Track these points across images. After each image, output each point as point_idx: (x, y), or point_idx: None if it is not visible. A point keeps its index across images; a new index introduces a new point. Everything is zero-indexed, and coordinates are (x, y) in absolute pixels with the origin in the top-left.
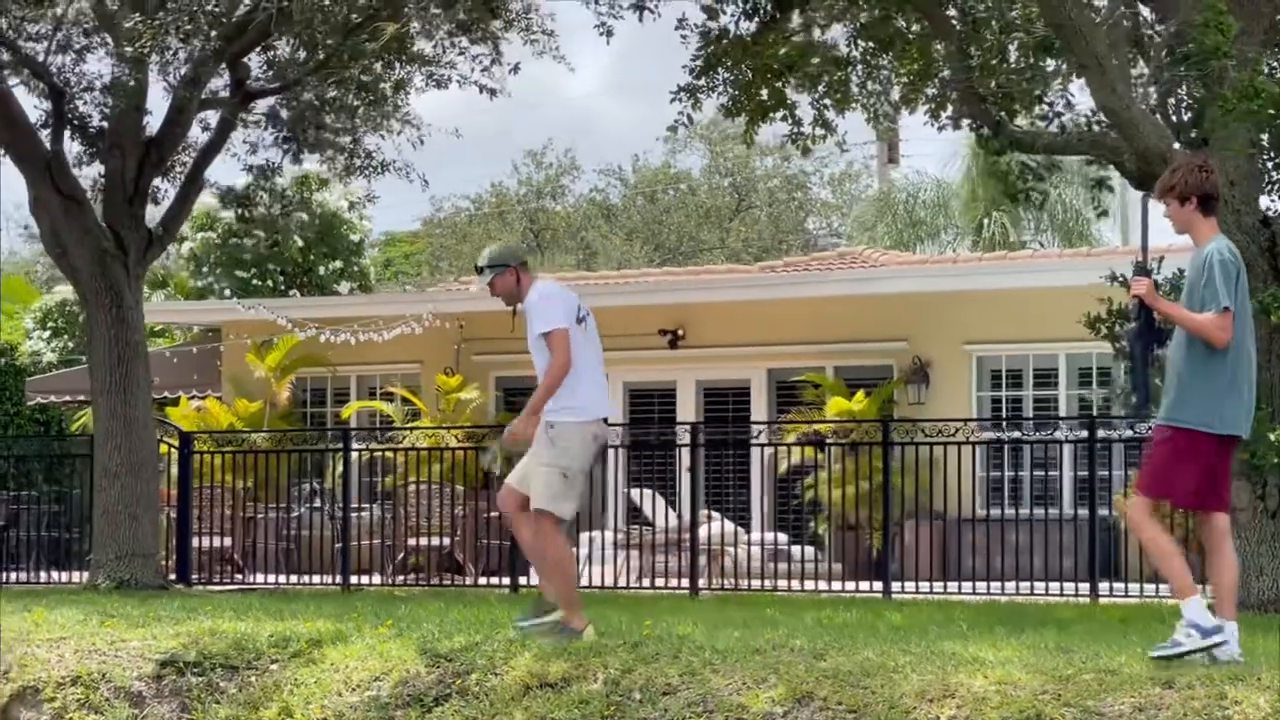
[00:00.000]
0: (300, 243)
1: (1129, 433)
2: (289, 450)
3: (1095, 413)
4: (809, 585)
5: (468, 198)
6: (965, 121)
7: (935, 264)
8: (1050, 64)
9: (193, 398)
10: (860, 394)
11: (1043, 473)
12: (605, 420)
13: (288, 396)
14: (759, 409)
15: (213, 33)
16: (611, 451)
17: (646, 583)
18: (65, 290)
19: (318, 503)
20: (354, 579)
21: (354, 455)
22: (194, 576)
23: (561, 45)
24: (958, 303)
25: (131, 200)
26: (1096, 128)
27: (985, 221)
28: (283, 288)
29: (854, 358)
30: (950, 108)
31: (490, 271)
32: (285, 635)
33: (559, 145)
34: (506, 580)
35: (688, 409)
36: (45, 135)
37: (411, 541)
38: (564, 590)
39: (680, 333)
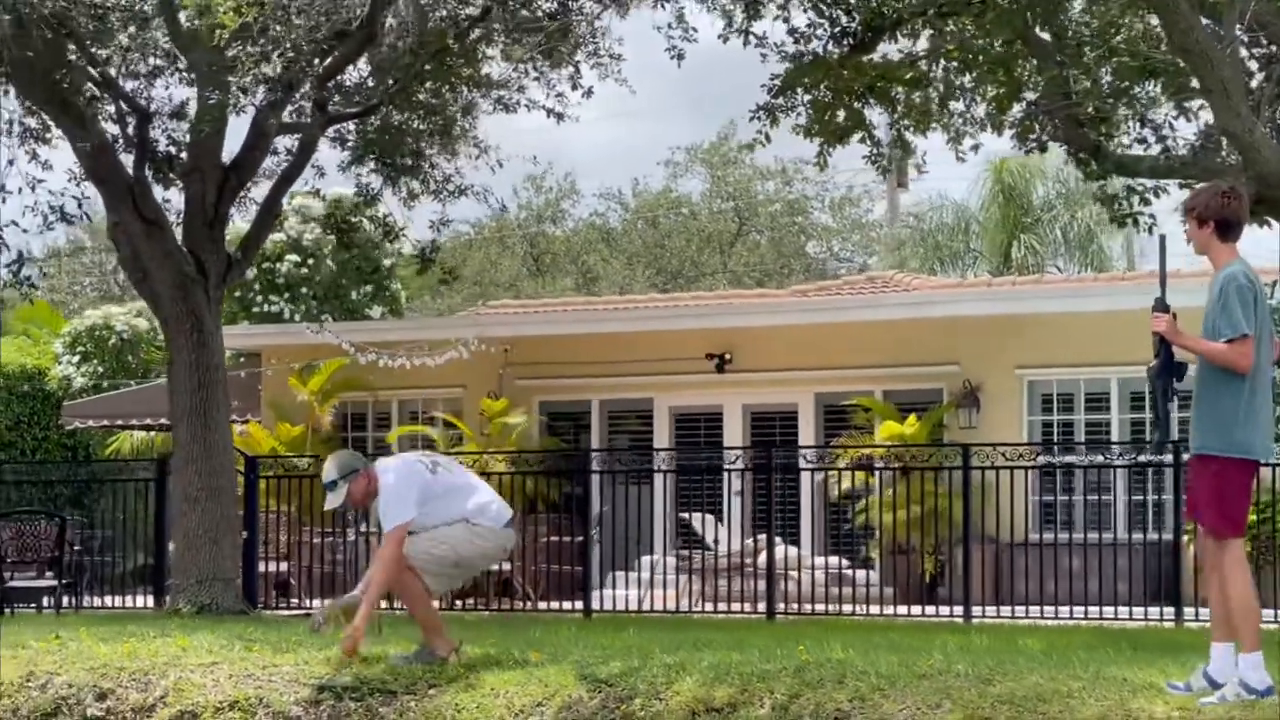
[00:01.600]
0: (334, 266)
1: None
2: None
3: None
4: (872, 610)
5: (467, 222)
6: (1060, 145)
7: (981, 287)
8: (1155, 87)
9: (234, 422)
10: (912, 418)
11: (1096, 497)
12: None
13: (331, 421)
14: (807, 433)
15: (306, 56)
16: (660, 476)
17: (710, 607)
18: (95, 315)
19: (364, 528)
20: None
21: None
22: (260, 601)
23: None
24: (1009, 326)
25: (211, 224)
26: (1200, 153)
27: (1014, 245)
28: (316, 312)
29: (903, 381)
30: (1040, 130)
31: (344, 482)
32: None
33: (559, 169)
34: (579, 604)
35: (734, 434)
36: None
37: None
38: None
39: (728, 357)
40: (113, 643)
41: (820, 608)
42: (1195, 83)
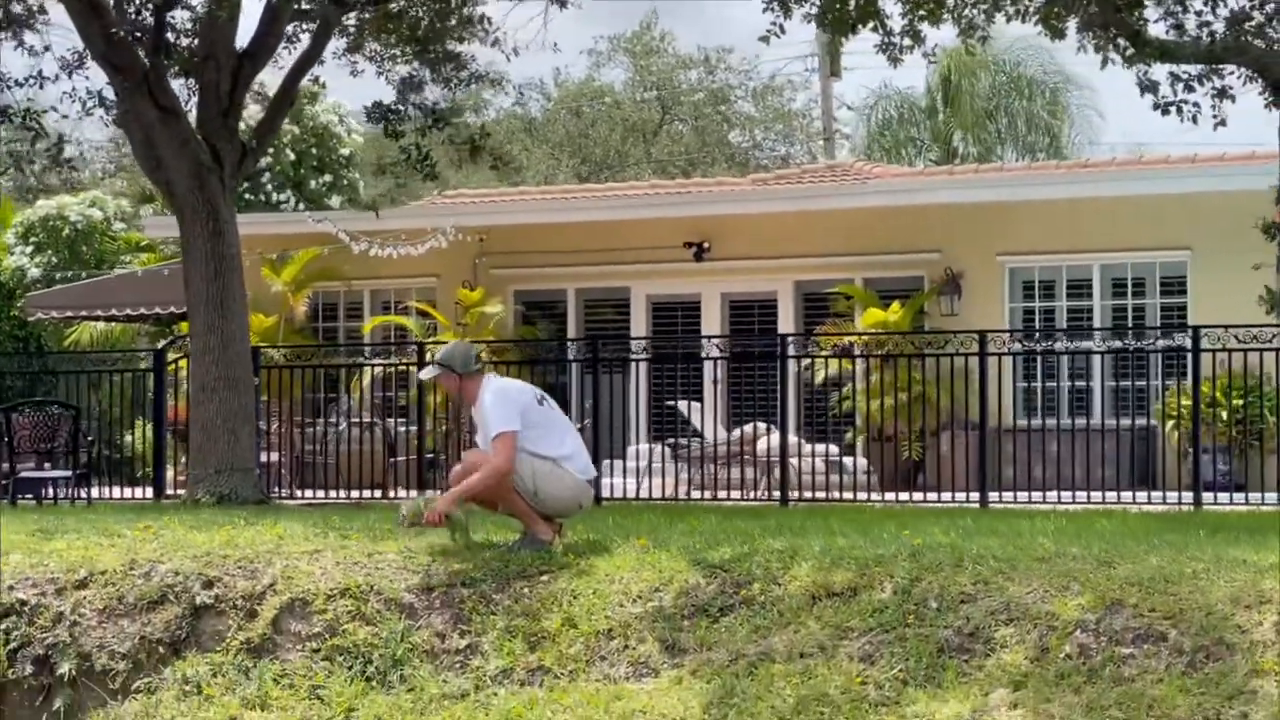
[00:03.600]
0: (292, 156)
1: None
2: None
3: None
4: (867, 496)
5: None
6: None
7: (969, 175)
8: None
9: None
10: (895, 305)
11: (1083, 383)
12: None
13: (305, 311)
14: (786, 322)
15: None
16: (640, 365)
17: (709, 495)
18: (49, 205)
19: (357, 418)
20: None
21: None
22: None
23: None
24: (991, 214)
25: (226, 113)
26: (1244, 38)
27: (966, 136)
28: (275, 201)
29: (884, 269)
30: (1074, 15)
31: (438, 368)
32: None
33: (481, 59)
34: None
35: (713, 322)
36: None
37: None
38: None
39: (706, 245)
40: (207, 530)
41: (820, 495)
42: None
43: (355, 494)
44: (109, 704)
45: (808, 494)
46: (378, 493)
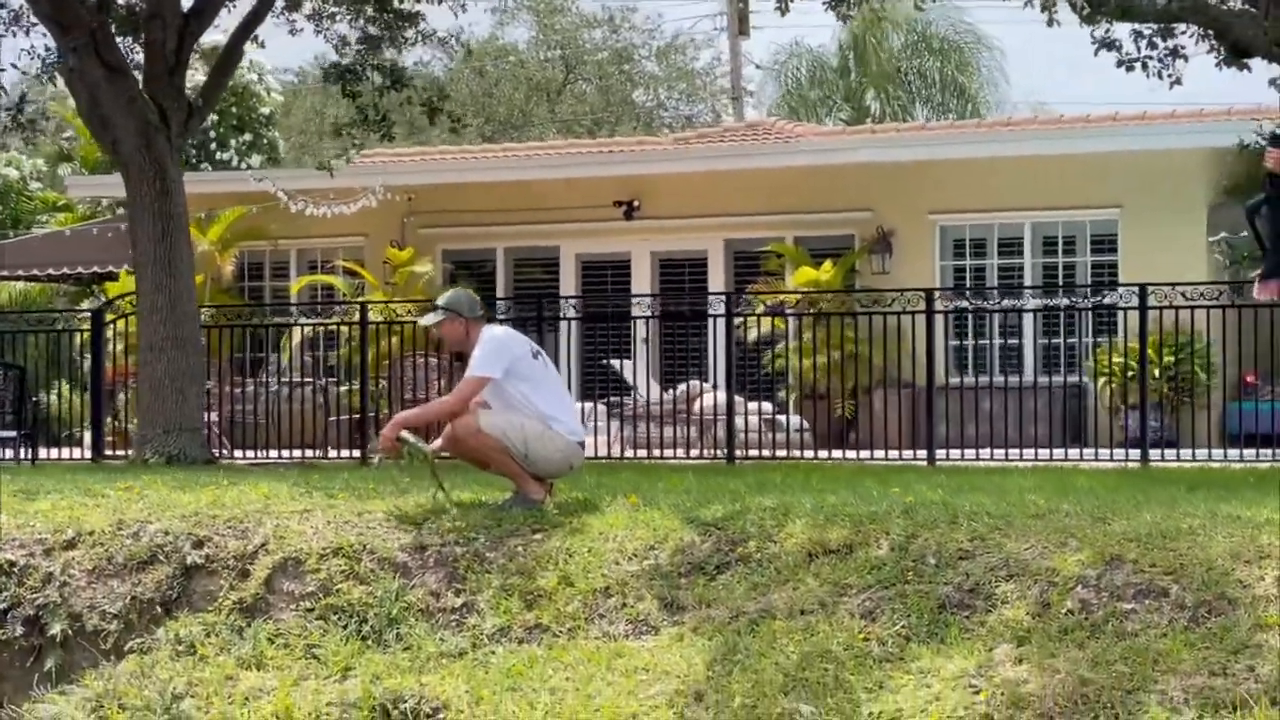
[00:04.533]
0: (214, 116)
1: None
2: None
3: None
4: (805, 454)
5: (290, 70)
6: None
7: (893, 133)
8: None
9: (133, 272)
10: (828, 263)
11: (1015, 340)
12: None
13: (231, 270)
14: (717, 280)
15: None
16: (570, 324)
17: (652, 453)
18: None
19: (289, 378)
20: (355, 453)
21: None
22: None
23: None
24: (921, 172)
25: (172, 71)
26: None
27: (878, 95)
28: (194, 161)
29: (815, 228)
30: None
31: (442, 314)
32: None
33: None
34: None
35: (643, 281)
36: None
37: None
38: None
39: (636, 204)
40: (191, 490)
41: (763, 453)
42: None
43: (296, 454)
44: (101, 664)
45: (751, 452)
46: (318, 452)
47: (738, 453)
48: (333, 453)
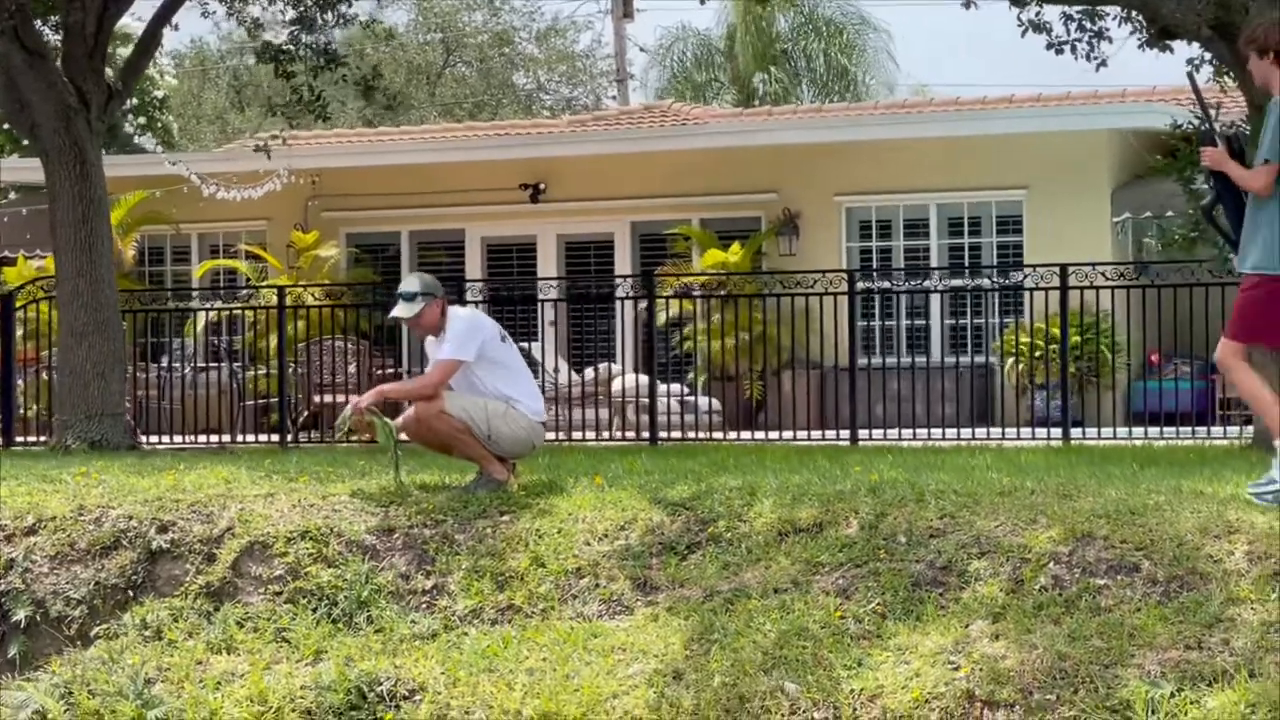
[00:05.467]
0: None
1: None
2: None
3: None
4: (715, 435)
5: (168, 55)
6: None
7: (791, 116)
8: None
9: (31, 257)
10: (736, 245)
11: (921, 321)
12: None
13: (133, 255)
14: (623, 263)
15: None
16: (478, 307)
17: (573, 436)
18: None
19: (199, 363)
20: (271, 437)
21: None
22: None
23: None
24: (826, 154)
25: (91, 54)
26: None
27: (763, 77)
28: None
29: (721, 210)
30: None
31: (423, 300)
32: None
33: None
34: None
35: (549, 264)
36: None
37: (317, 399)
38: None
39: (542, 187)
40: (150, 475)
41: (677, 435)
42: None
43: (208, 439)
44: (66, 650)
45: (667, 434)
46: (230, 436)
47: (665, 435)
48: (245, 437)
